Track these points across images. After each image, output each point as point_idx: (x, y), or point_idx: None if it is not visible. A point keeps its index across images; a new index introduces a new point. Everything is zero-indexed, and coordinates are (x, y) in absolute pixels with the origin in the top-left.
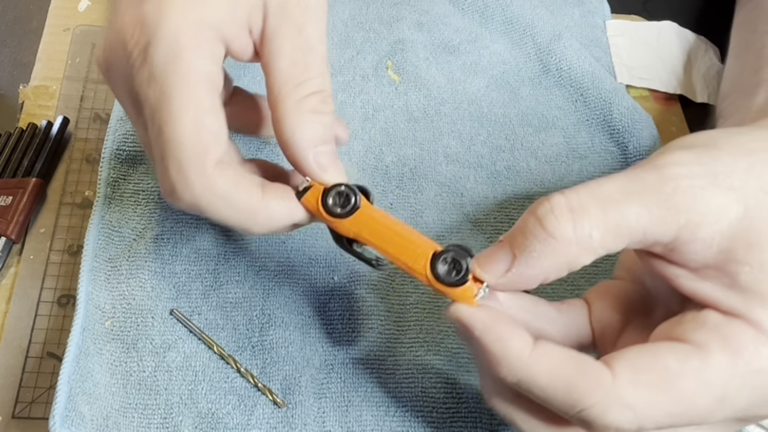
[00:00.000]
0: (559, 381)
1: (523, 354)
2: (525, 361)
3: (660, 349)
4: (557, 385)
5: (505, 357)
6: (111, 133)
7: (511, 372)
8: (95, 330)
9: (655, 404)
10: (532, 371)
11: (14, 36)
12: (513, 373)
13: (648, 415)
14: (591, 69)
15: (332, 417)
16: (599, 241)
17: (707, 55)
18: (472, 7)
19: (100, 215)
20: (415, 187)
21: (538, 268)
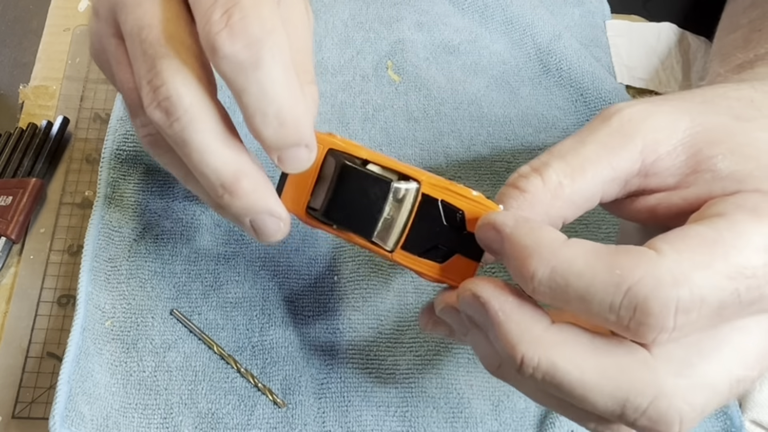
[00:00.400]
0: (598, 260)
1: (556, 242)
2: (559, 247)
3: (697, 227)
4: (596, 264)
5: (538, 245)
6: (111, 133)
7: (543, 261)
8: (95, 330)
9: (710, 268)
10: (567, 255)
11: (14, 36)
12: (546, 261)
13: (707, 283)
14: (591, 69)
15: (332, 417)
16: (570, 186)
17: (706, 55)
18: (472, 7)
19: (100, 215)
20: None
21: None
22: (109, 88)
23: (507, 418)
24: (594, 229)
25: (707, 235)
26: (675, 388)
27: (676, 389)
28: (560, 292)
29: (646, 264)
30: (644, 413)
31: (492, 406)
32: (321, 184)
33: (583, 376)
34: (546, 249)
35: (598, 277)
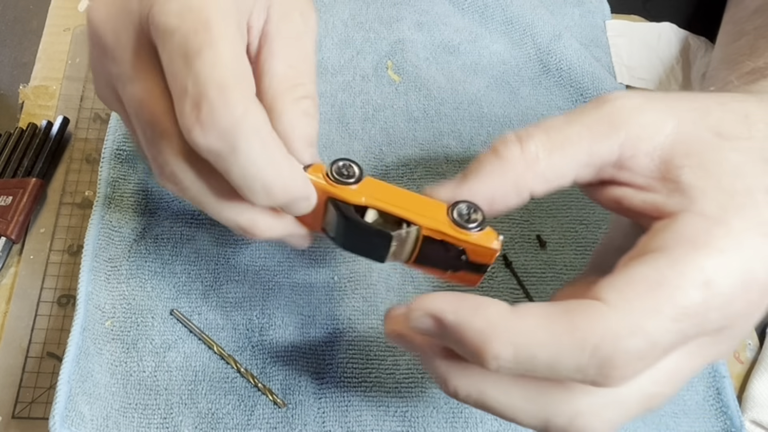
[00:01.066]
0: (556, 326)
1: (507, 317)
2: (513, 322)
3: (634, 265)
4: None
5: (492, 326)
6: (111, 132)
7: (504, 341)
8: (95, 330)
9: (659, 314)
10: (525, 328)
11: (14, 36)
12: (507, 341)
13: (657, 329)
14: (591, 69)
15: (332, 417)
16: (546, 161)
17: (707, 56)
18: (472, 7)
19: (100, 215)
20: (414, 187)
21: (484, 185)
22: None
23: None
24: (594, 229)
25: (651, 278)
26: (590, 407)
27: (591, 408)
28: (527, 366)
29: (601, 321)
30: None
31: None
32: (329, 215)
33: (510, 401)
34: (502, 328)
35: (563, 344)
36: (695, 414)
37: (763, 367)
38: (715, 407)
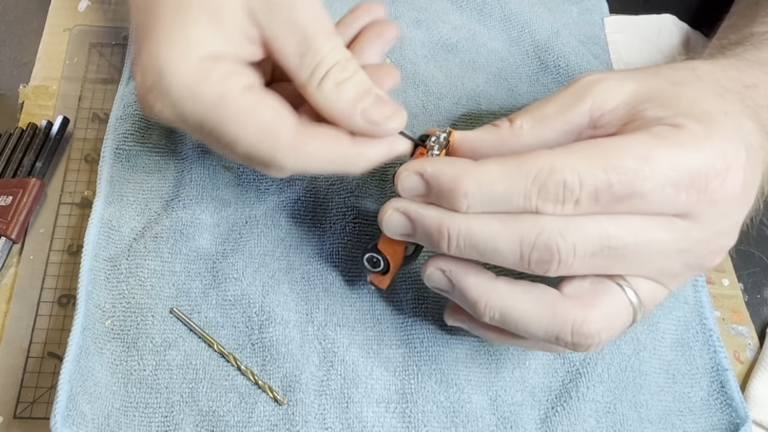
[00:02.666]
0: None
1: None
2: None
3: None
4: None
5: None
6: (110, 132)
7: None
8: (95, 329)
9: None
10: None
11: (14, 36)
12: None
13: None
14: (589, 67)
15: (333, 414)
16: (529, 131)
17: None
18: (470, 5)
19: (100, 215)
20: None
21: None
22: (107, 88)
23: (505, 412)
24: None
25: (598, 144)
26: (552, 225)
27: (554, 226)
28: (489, 199)
29: (543, 158)
30: (534, 246)
31: (490, 400)
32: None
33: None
34: (469, 170)
35: (513, 177)
36: (700, 410)
37: (763, 367)
38: (720, 401)
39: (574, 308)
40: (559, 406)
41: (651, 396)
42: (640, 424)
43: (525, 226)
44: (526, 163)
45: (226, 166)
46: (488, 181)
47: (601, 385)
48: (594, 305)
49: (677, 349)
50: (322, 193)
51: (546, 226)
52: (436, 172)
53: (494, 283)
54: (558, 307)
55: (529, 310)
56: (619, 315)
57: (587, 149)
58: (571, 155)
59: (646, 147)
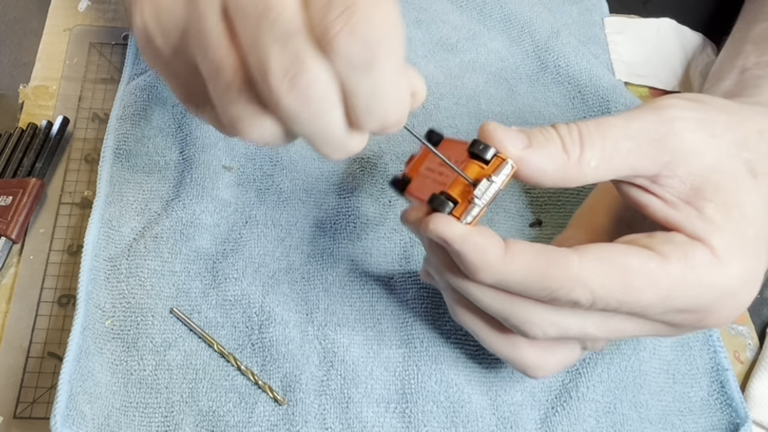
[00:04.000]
0: (532, 274)
1: (499, 258)
2: (502, 263)
3: (625, 249)
4: (531, 278)
5: (484, 263)
6: (110, 132)
7: (490, 275)
8: (95, 329)
9: (609, 290)
10: (509, 271)
11: (14, 36)
12: (492, 275)
13: (601, 297)
14: (589, 66)
15: (333, 414)
16: (594, 168)
17: (705, 52)
18: (470, 5)
19: (100, 215)
20: None
21: (541, 164)
22: (107, 88)
23: (505, 412)
24: None
25: (630, 266)
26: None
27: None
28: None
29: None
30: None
31: (490, 400)
32: None
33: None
34: (492, 266)
35: (532, 286)
36: (701, 410)
37: (763, 367)
38: (720, 401)
39: (534, 356)
40: (559, 406)
41: (651, 396)
42: (640, 424)
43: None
44: (549, 278)
45: (226, 166)
46: (506, 278)
47: (601, 385)
48: (551, 355)
49: (677, 349)
50: (322, 193)
51: (533, 320)
52: (462, 252)
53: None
54: (518, 351)
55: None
56: (569, 360)
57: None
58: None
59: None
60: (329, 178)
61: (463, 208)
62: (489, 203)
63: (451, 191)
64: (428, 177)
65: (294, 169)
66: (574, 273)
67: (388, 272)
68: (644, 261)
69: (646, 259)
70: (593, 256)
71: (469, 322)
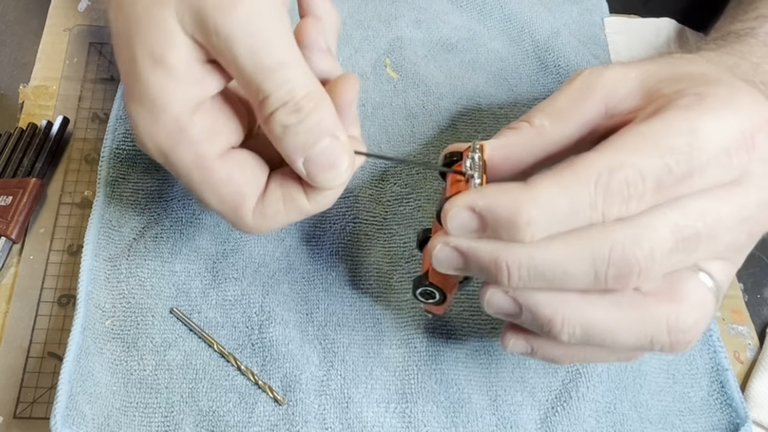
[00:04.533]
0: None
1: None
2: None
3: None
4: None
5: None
6: (110, 132)
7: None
8: (96, 329)
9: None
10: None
11: (14, 36)
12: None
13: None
14: (589, 66)
15: (333, 414)
16: (551, 128)
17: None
18: (470, 5)
19: (100, 215)
20: (413, 182)
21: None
22: (107, 88)
23: (505, 412)
24: None
25: (640, 130)
26: (623, 236)
27: (625, 236)
28: (555, 220)
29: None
30: (609, 263)
31: (490, 400)
32: None
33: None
34: (525, 195)
35: (574, 189)
36: (701, 410)
37: (763, 367)
38: (720, 401)
39: (663, 305)
40: (559, 406)
41: (651, 396)
42: (640, 424)
43: (594, 243)
44: (583, 171)
45: None
46: (549, 201)
47: (601, 385)
48: (681, 297)
49: None
50: None
51: (617, 239)
52: (489, 204)
53: (567, 296)
54: (646, 308)
55: (614, 318)
56: (705, 302)
57: (632, 140)
58: (620, 151)
59: (686, 121)
60: None
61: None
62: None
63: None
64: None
65: None
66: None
67: (388, 272)
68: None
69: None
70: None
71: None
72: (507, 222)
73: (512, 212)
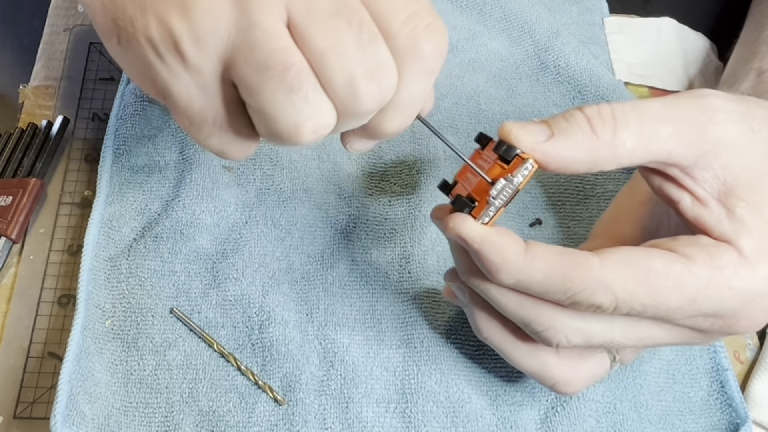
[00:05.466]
0: (553, 275)
1: (518, 258)
2: (521, 263)
3: (649, 252)
4: (552, 278)
5: (504, 263)
6: (110, 132)
7: (510, 275)
8: (96, 329)
9: (633, 294)
10: (529, 271)
11: (14, 36)
12: (512, 275)
13: (624, 300)
14: (589, 66)
15: (332, 414)
16: (630, 150)
17: (705, 51)
18: (470, 5)
19: (100, 214)
20: (413, 182)
21: (569, 152)
22: (107, 88)
23: (505, 412)
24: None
25: (654, 268)
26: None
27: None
28: (520, 287)
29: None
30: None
31: (490, 400)
32: None
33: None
34: (511, 265)
35: (553, 287)
36: (700, 410)
37: (763, 367)
38: (720, 401)
39: (561, 369)
40: (559, 406)
41: (651, 396)
42: (640, 424)
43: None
44: (571, 280)
45: (226, 166)
46: (526, 279)
47: (601, 385)
48: (579, 368)
49: (677, 349)
50: (322, 193)
51: (556, 325)
52: (481, 252)
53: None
54: (546, 365)
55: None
56: (598, 374)
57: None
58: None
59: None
60: (329, 178)
61: (481, 208)
62: (507, 203)
63: (475, 193)
64: (469, 180)
65: (294, 169)
66: (596, 275)
67: (388, 272)
68: (668, 263)
69: (671, 261)
70: (615, 258)
71: (494, 336)
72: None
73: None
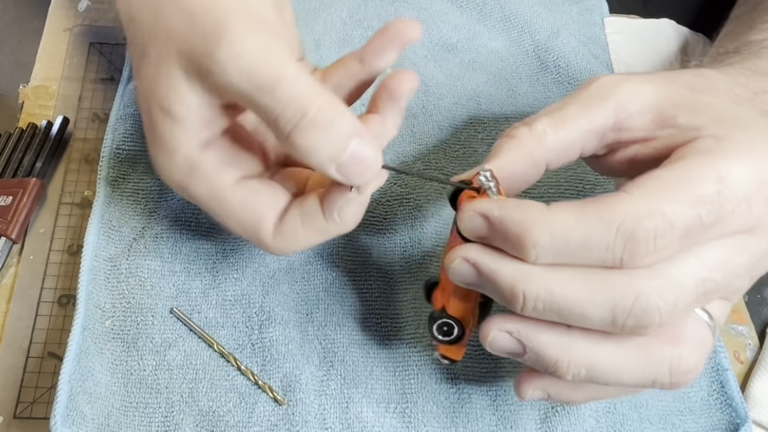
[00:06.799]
0: (585, 213)
1: (544, 210)
2: (549, 213)
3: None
4: (586, 216)
5: (531, 217)
6: (110, 132)
7: (542, 228)
8: (96, 329)
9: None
10: (559, 217)
11: (14, 36)
12: (544, 227)
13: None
14: (589, 66)
15: (333, 414)
16: (553, 135)
17: (705, 51)
18: (470, 5)
19: (100, 214)
20: (413, 182)
21: (506, 161)
22: (107, 88)
23: (505, 412)
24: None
25: (670, 177)
26: (650, 287)
27: (651, 288)
28: (563, 250)
29: (625, 205)
30: (630, 313)
31: (490, 400)
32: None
33: (576, 294)
34: (539, 218)
35: (592, 226)
36: (701, 410)
37: (763, 367)
38: (720, 401)
39: (666, 347)
40: (559, 406)
41: (651, 396)
42: (640, 424)
43: (617, 290)
44: (606, 211)
45: None
46: (562, 231)
47: None
48: (683, 339)
49: None
50: None
51: (643, 289)
52: (503, 217)
53: (572, 338)
54: (649, 350)
55: (619, 359)
56: (705, 341)
57: (660, 187)
58: (650, 198)
59: (712, 167)
60: None
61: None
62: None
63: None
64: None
65: None
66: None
67: (388, 272)
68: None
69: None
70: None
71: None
72: (515, 237)
73: (523, 230)
